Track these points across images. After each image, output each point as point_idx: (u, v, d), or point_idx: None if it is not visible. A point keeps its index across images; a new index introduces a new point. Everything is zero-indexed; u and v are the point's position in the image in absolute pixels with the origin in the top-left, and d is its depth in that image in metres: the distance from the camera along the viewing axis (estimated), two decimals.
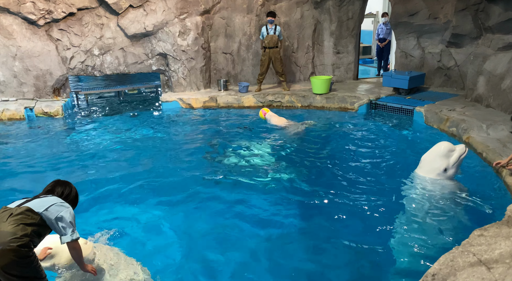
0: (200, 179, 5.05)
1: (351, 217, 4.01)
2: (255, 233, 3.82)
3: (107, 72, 9.05)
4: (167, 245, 3.66)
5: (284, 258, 3.45)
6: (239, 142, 6.44)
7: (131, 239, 3.73)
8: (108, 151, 6.16)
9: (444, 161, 4.29)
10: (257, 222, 4.01)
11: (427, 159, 4.44)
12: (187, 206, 4.37)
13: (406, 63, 9.43)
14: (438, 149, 4.37)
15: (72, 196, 2.76)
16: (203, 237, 3.76)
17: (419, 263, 3.20)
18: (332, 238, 3.69)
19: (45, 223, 2.46)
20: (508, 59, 6.57)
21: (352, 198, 4.41)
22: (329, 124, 7.53)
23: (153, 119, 8.25)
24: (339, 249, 3.54)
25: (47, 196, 2.61)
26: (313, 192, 4.63)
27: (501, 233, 2.38)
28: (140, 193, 4.70)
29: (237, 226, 3.94)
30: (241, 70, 9.83)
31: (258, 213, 4.19)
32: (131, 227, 3.94)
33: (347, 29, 9.77)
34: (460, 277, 1.98)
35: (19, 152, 6.19)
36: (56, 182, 2.78)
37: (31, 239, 2.33)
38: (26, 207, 2.43)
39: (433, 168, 4.34)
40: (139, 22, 8.68)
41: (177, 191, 4.74)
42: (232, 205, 4.38)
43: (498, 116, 6.30)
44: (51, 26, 8.46)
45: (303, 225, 3.94)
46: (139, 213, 4.22)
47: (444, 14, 8.30)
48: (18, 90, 8.63)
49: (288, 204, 4.37)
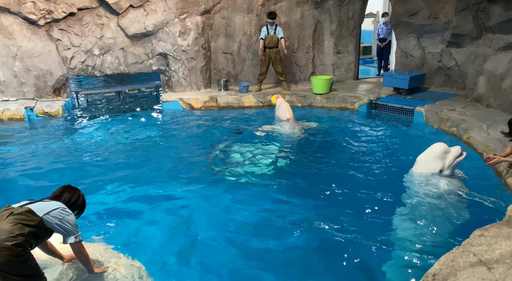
0: (201, 179, 5.05)
1: (350, 215, 4.01)
2: (254, 232, 3.82)
3: (107, 72, 9.05)
4: (166, 246, 3.66)
5: (284, 258, 3.45)
6: (239, 142, 6.44)
7: (131, 239, 3.73)
8: (108, 151, 6.17)
9: (439, 162, 4.30)
10: (256, 221, 4.01)
11: (423, 159, 4.45)
12: (187, 205, 4.37)
13: (406, 63, 9.43)
14: (433, 150, 4.37)
15: (80, 202, 2.81)
16: (204, 237, 3.75)
17: (419, 263, 3.20)
18: (330, 237, 3.69)
19: (45, 226, 2.48)
20: (508, 59, 6.57)
21: (351, 197, 4.41)
22: (330, 124, 7.53)
23: (153, 119, 8.25)
24: (337, 248, 3.53)
25: (52, 201, 2.64)
26: (312, 191, 4.63)
27: (501, 233, 2.38)
28: (140, 192, 4.69)
29: (237, 226, 3.94)
30: (242, 70, 9.83)
31: (258, 213, 4.19)
32: (131, 228, 3.94)
33: (347, 29, 9.77)
34: (460, 277, 1.98)
35: (19, 152, 6.19)
36: (65, 187, 2.81)
37: (27, 239, 2.36)
38: (27, 208, 2.45)
39: (428, 168, 4.35)
40: (140, 22, 8.68)
41: (178, 190, 4.74)
42: (232, 205, 4.38)
43: (498, 116, 6.30)
44: (51, 26, 8.46)
45: (301, 224, 3.94)
46: (139, 213, 4.21)
47: (444, 14, 8.30)
48: (18, 90, 8.64)
49: (287, 203, 4.37)
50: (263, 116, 8.21)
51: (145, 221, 4.07)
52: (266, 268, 3.31)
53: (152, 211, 4.26)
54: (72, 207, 2.72)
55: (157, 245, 3.66)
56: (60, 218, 2.53)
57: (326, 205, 4.30)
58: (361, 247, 3.52)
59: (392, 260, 3.32)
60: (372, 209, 4.13)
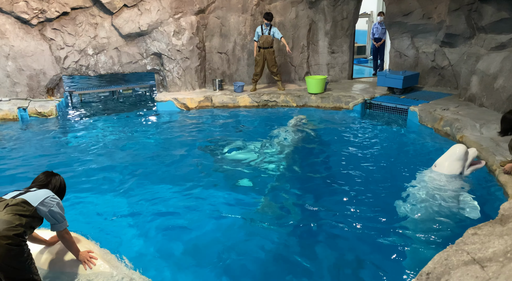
0: (195, 179, 5.04)
1: (344, 214, 4.03)
2: (251, 232, 3.82)
3: (101, 72, 9.00)
4: (160, 246, 3.65)
5: (284, 257, 3.45)
6: (234, 142, 6.44)
7: (126, 239, 3.72)
8: (102, 151, 6.13)
9: (461, 164, 4.30)
10: (252, 221, 4.01)
11: (445, 161, 4.37)
12: (181, 206, 4.36)
13: (400, 63, 9.48)
14: (455, 151, 4.35)
15: (63, 187, 2.88)
16: (199, 239, 3.75)
17: (413, 262, 3.23)
18: (327, 236, 3.70)
19: (38, 216, 2.54)
20: (500, 59, 6.63)
21: (345, 196, 4.43)
22: (324, 123, 7.55)
23: (148, 119, 8.22)
24: (332, 247, 3.55)
25: (39, 189, 2.67)
26: (306, 190, 4.64)
27: (494, 232, 2.40)
28: (133, 192, 4.68)
29: (232, 227, 3.94)
30: (236, 70, 9.82)
31: (253, 213, 4.19)
32: (123, 227, 3.93)
33: (341, 29, 9.80)
34: (454, 275, 2.00)
35: (12, 152, 6.14)
36: (47, 174, 2.83)
37: (25, 229, 2.42)
38: (22, 198, 2.50)
39: (450, 170, 4.31)
40: (134, 21, 8.64)
41: (171, 190, 4.73)
42: (226, 205, 4.37)
43: (491, 115, 6.36)
44: (44, 26, 8.40)
45: (300, 223, 3.95)
46: (132, 214, 4.20)
47: (437, 14, 8.36)
48: (11, 90, 8.56)
49: (284, 203, 4.38)
50: (258, 116, 8.21)
51: (137, 220, 4.06)
52: (266, 269, 3.32)
53: (144, 211, 4.24)
54: (58, 193, 2.77)
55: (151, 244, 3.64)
56: (52, 206, 2.58)
57: (320, 204, 4.31)
58: (357, 245, 3.54)
59: (387, 258, 3.34)
60: (366, 207, 4.15)
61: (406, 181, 4.61)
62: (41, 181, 2.76)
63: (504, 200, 3.84)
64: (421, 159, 5.42)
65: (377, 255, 3.39)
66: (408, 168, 5.12)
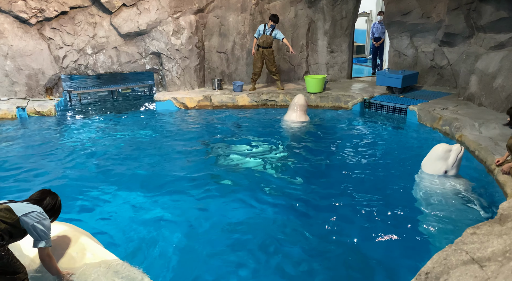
0: (195, 179, 5.03)
1: (343, 214, 4.03)
2: (251, 232, 3.82)
3: (100, 71, 8.99)
4: (161, 246, 3.65)
5: (284, 257, 3.45)
6: (233, 141, 6.44)
7: (126, 239, 3.72)
8: (100, 151, 6.12)
9: (443, 163, 4.32)
10: (252, 221, 4.01)
11: (427, 162, 4.45)
12: (180, 206, 4.35)
13: (399, 62, 9.48)
14: (436, 151, 4.38)
15: (57, 208, 2.84)
16: (200, 238, 3.75)
17: (412, 262, 3.23)
18: (324, 235, 3.70)
19: (20, 227, 2.53)
20: (499, 58, 6.63)
21: (345, 195, 4.43)
22: (323, 123, 7.55)
23: (147, 118, 8.21)
24: (330, 247, 3.55)
25: (32, 204, 2.67)
26: (306, 190, 4.64)
27: (493, 231, 2.40)
28: (131, 192, 4.67)
29: (232, 226, 3.93)
30: (236, 69, 9.81)
31: (253, 212, 4.19)
32: (123, 226, 3.92)
33: (341, 28, 9.80)
34: (453, 275, 2.00)
35: (10, 152, 6.13)
36: (45, 192, 2.83)
37: (2, 233, 2.43)
38: (7, 206, 2.53)
39: (433, 170, 4.36)
40: (133, 21, 8.62)
41: (171, 190, 4.72)
42: (225, 205, 4.37)
43: (490, 114, 6.37)
44: (43, 25, 8.38)
45: (299, 223, 3.95)
46: (131, 212, 4.19)
47: (436, 13, 8.36)
48: (10, 89, 8.54)
49: (284, 202, 4.37)
50: (257, 115, 8.21)
51: (137, 219, 4.05)
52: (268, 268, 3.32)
53: (144, 209, 4.24)
54: (49, 212, 2.75)
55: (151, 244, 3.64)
56: (36, 221, 2.57)
57: (317, 204, 4.31)
58: (353, 245, 3.54)
59: (385, 258, 3.34)
60: (365, 207, 4.15)
61: (405, 180, 4.62)
62: (36, 197, 2.77)
63: (503, 200, 3.85)
64: (420, 159, 5.41)
65: (376, 255, 3.39)
66: (407, 168, 5.13)
